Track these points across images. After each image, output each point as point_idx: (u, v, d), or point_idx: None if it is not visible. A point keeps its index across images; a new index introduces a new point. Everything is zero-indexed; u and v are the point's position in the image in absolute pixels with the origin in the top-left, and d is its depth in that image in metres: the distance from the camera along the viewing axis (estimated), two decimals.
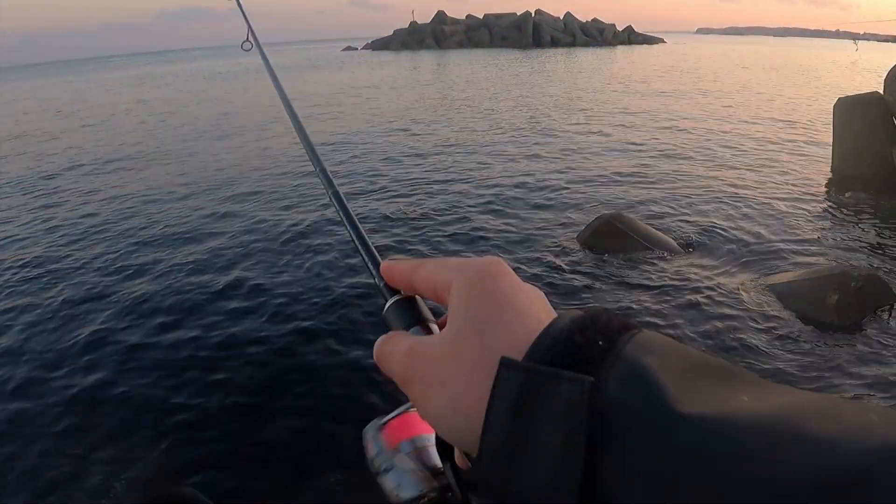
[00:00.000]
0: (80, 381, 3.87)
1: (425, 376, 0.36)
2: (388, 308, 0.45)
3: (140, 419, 3.50)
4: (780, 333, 4.31)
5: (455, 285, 0.37)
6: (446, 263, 0.40)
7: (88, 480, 3.03)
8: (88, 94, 30.91)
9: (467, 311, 0.36)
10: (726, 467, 0.23)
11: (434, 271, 0.40)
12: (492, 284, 0.36)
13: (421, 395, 0.36)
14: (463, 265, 0.38)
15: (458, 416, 0.34)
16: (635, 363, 0.29)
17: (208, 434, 3.36)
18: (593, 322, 0.32)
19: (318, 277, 5.24)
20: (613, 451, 0.26)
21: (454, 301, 0.37)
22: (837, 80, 25.29)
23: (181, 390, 3.72)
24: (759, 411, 0.25)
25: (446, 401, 0.34)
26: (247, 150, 11.62)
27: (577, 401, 0.27)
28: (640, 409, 0.27)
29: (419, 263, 0.42)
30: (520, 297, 0.36)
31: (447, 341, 0.36)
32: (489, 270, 0.37)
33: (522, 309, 0.35)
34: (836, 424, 0.24)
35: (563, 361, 0.30)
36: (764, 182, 8.45)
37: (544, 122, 13.86)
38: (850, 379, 3.79)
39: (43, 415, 3.56)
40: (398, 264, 0.45)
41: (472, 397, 0.32)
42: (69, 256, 6.11)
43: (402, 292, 0.45)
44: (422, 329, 0.42)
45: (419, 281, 0.42)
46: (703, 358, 0.30)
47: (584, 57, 45.04)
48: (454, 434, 0.35)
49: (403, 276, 0.44)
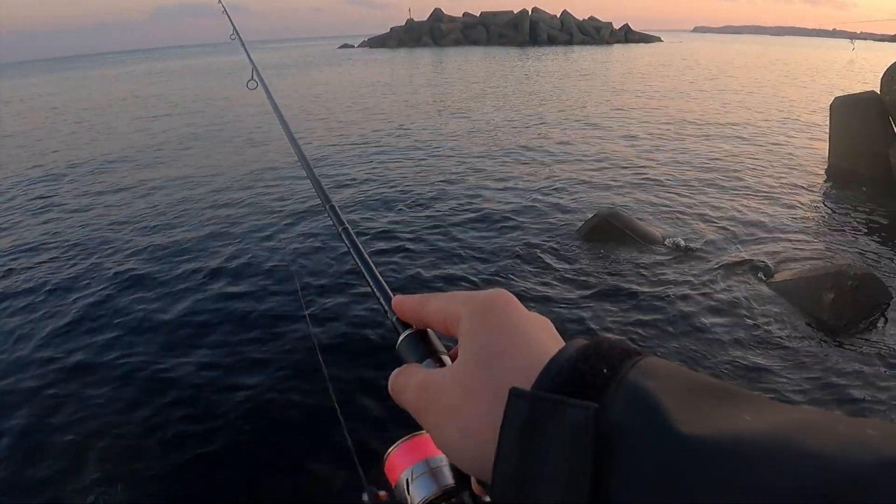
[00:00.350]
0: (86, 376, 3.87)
1: (438, 407, 0.37)
2: (402, 342, 0.46)
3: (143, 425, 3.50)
4: (775, 331, 4.33)
5: (463, 318, 0.39)
6: (454, 297, 0.42)
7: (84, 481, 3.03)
8: (95, 90, 30.76)
9: (476, 343, 0.37)
10: (728, 485, 0.24)
11: (443, 305, 0.42)
12: (499, 316, 0.38)
13: (434, 426, 0.38)
14: (470, 298, 0.40)
15: (470, 445, 0.35)
16: (638, 387, 0.30)
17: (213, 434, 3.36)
18: (597, 350, 0.33)
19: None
20: (619, 472, 0.27)
21: (463, 334, 0.39)
22: (834, 79, 25.36)
23: (186, 409, 3.70)
24: (759, 430, 0.26)
25: (459, 430, 0.36)
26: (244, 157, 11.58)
27: (583, 426, 0.28)
28: (643, 431, 0.28)
29: (428, 298, 0.44)
30: (526, 327, 0.38)
31: (458, 373, 0.37)
32: (495, 303, 0.39)
33: (529, 339, 0.37)
34: (833, 440, 0.24)
35: (569, 389, 0.31)
36: (760, 180, 8.47)
37: (540, 119, 13.86)
38: (844, 377, 3.80)
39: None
40: (408, 299, 0.47)
41: (484, 426, 0.34)
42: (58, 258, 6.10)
43: (414, 326, 0.46)
44: (434, 361, 0.43)
45: (429, 315, 0.44)
46: (706, 380, 0.31)
47: (581, 55, 45.03)
48: (468, 462, 0.36)
49: (414, 310, 0.46)
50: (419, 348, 0.45)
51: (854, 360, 3.98)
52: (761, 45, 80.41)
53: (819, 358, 4.01)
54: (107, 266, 5.68)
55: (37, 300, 5.09)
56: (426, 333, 0.46)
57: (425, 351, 0.44)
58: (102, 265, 5.72)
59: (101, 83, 36.41)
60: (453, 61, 39.92)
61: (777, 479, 0.23)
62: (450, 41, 70.20)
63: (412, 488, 0.50)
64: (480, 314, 0.38)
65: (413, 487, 0.50)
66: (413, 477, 0.51)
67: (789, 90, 20.52)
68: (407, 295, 0.47)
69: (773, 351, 4.09)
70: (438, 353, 0.44)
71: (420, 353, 0.44)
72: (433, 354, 0.44)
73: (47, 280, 5.46)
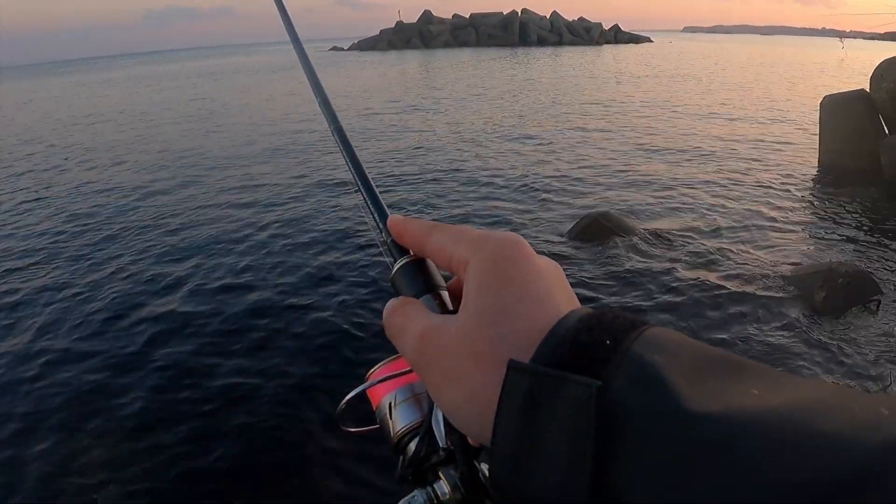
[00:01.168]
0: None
1: (440, 368, 0.35)
2: (398, 270, 0.43)
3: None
4: (766, 329, 4.33)
5: (472, 266, 0.36)
6: (462, 236, 0.38)
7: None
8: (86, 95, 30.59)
9: (485, 298, 0.34)
10: (736, 466, 0.23)
11: (449, 243, 0.39)
12: (510, 269, 0.35)
13: (435, 386, 0.36)
14: (481, 243, 0.37)
15: (473, 412, 0.33)
16: (642, 362, 0.28)
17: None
18: (599, 321, 0.31)
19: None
20: (623, 453, 0.26)
21: (471, 284, 0.36)
22: (824, 77, 25.58)
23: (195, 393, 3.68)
24: (769, 407, 0.25)
25: (462, 396, 0.34)
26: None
27: (585, 404, 0.27)
28: (647, 409, 0.26)
29: (432, 228, 0.41)
30: (539, 282, 0.35)
31: (463, 331, 0.35)
32: (508, 254, 0.36)
33: (541, 297, 0.34)
34: (846, 420, 0.23)
35: (570, 362, 0.29)
36: (751, 179, 8.51)
37: (530, 121, 13.87)
38: (835, 373, 3.80)
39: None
40: (409, 224, 0.43)
41: (488, 395, 0.32)
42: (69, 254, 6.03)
43: (412, 252, 0.43)
44: (433, 298, 0.41)
45: (431, 248, 0.41)
46: (713, 352, 0.29)
47: (571, 56, 45.24)
48: (469, 428, 0.35)
49: (414, 237, 0.42)
50: (417, 280, 0.41)
51: (845, 356, 3.98)
52: (752, 45, 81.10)
53: (810, 355, 4.01)
54: (106, 265, 5.63)
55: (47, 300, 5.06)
56: (425, 263, 0.42)
57: (424, 284, 0.41)
58: (101, 266, 5.66)
59: (127, 85, 36.21)
60: (443, 64, 39.94)
61: (789, 462, 0.22)
62: (439, 43, 70.28)
63: (395, 413, 0.47)
64: (491, 264, 0.35)
65: (396, 413, 0.47)
66: (396, 402, 0.48)
67: (780, 89, 20.67)
68: (406, 217, 0.44)
69: (763, 348, 4.09)
70: (438, 289, 0.41)
71: (418, 286, 0.41)
72: (433, 290, 0.41)
73: (45, 281, 5.40)
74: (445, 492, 0.44)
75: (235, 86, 28.97)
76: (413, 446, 0.46)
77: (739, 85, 22.16)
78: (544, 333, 0.32)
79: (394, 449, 0.48)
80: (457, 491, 0.43)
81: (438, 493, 0.44)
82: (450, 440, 0.42)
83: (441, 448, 0.44)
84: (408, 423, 0.47)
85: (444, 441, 0.43)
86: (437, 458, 0.44)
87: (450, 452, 0.43)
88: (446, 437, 0.43)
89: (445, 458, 0.44)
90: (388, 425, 0.48)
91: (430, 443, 0.44)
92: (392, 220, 0.45)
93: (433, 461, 0.44)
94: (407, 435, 0.47)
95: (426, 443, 0.45)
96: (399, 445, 0.47)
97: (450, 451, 0.43)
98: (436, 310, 0.40)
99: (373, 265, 5.37)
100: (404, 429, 0.47)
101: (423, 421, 0.46)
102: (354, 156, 0.54)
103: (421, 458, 0.45)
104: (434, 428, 0.44)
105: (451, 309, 0.40)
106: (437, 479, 0.44)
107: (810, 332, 4.30)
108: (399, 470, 0.46)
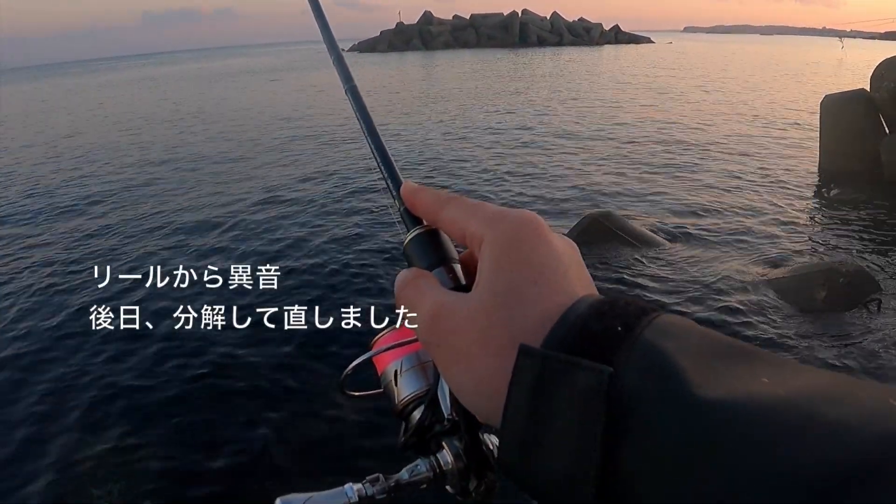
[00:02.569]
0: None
1: (451, 348, 0.35)
2: (410, 241, 0.42)
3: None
4: (768, 329, 4.33)
5: (487, 243, 0.36)
6: (478, 211, 0.38)
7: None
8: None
9: (498, 280, 0.34)
10: (744, 454, 0.23)
11: (464, 218, 0.38)
12: (526, 249, 0.35)
13: (445, 365, 0.36)
14: (497, 220, 0.36)
15: (483, 394, 0.33)
16: (653, 348, 0.28)
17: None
18: (611, 307, 0.31)
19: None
20: (632, 439, 0.26)
21: (485, 262, 0.35)
22: (824, 77, 25.53)
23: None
24: (778, 395, 0.25)
25: (472, 377, 0.34)
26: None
27: (594, 390, 0.27)
28: (658, 396, 0.26)
29: (447, 200, 0.40)
30: (554, 264, 0.35)
31: (476, 313, 0.34)
32: (524, 234, 0.35)
33: (557, 280, 0.34)
34: (854, 408, 0.23)
35: (580, 348, 0.29)
36: (751, 179, 8.51)
37: (530, 120, 13.86)
38: (836, 369, 3.78)
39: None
40: (423, 193, 0.43)
41: (498, 378, 0.32)
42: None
43: (425, 222, 0.43)
44: (446, 271, 0.40)
45: (445, 221, 0.40)
46: (724, 339, 0.29)
47: (571, 56, 45.18)
48: (479, 409, 0.35)
49: (428, 208, 0.42)
50: (429, 252, 0.41)
51: (845, 355, 3.98)
52: (752, 45, 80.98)
53: (811, 353, 4.01)
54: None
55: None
56: (438, 235, 0.42)
57: (437, 257, 0.41)
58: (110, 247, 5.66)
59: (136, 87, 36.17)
60: (443, 65, 39.89)
61: (797, 450, 0.22)
62: (439, 44, 70.24)
63: (400, 381, 0.47)
64: (507, 244, 0.35)
65: (401, 380, 0.47)
66: (402, 370, 0.48)
67: (781, 89, 20.64)
68: (420, 186, 0.43)
69: (765, 347, 4.04)
70: (451, 261, 0.41)
71: (430, 258, 0.41)
72: (446, 262, 0.41)
73: (42, 281, 5.40)
74: (448, 461, 0.44)
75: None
76: (417, 414, 0.46)
77: (739, 85, 22.12)
78: (556, 318, 0.32)
79: (397, 416, 0.48)
80: (459, 460, 0.43)
81: (441, 463, 0.44)
82: (454, 411, 0.42)
83: (446, 418, 0.44)
84: (413, 392, 0.46)
85: (448, 411, 0.43)
86: (440, 427, 0.44)
87: (454, 423, 0.43)
88: (451, 407, 0.43)
89: (449, 429, 0.44)
90: (393, 392, 0.48)
91: (434, 412, 0.45)
92: (406, 189, 0.44)
93: (437, 430, 0.45)
94: (411, 403, 0.46)
95: (431, 412, 0.45)
96: (403, 413, 0.47)
97: (454, 422, 0.43)
98: (448, 284, 0.40)
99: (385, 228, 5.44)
100: (409, 397, 0.47)
101: (428, 390, 0.45)
102: (368, 118, 0.52)
103: (425, 428, 0.45)
104: (439, 398, 0.44)
105: (463, 283, 0.40)
106: (440, 449, 0.45)
107: (811, 331, 4.30)
108: (402, 437, 0.47)
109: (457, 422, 0.43)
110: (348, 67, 0.56)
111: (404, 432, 0.47)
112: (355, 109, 0.53)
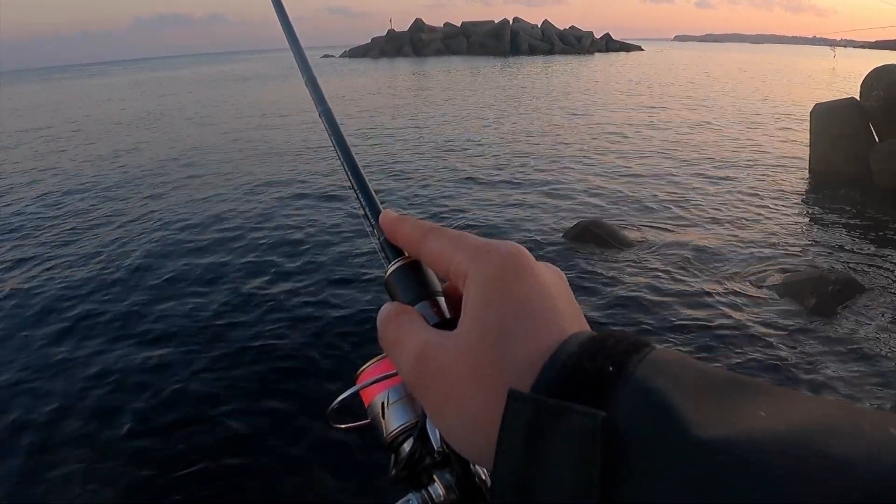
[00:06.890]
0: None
1: (438, 389, 0.34)
2: (392, 274, 0.41)
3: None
4: (756, 336, 4.32)
5: (472, 279, 0.34)
6: (461, 244, 0.36)
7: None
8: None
9: (485, 317, 0.33)
10: (745, 494, 0.22)
11: (448, 251, 0.37)
12: (513, 284, 0.33)
13: (433, 407, 0.35)
14: (481, 253, 0.35)
15: (473, 437, 0.32)
16: (646, 387, 0.27)
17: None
18: (602, 345, 0.30)
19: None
20: (629, 483, 0.25)
21: (471, 298, 0.34)
22: (815, 85, 25.86)
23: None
24: (777, 430, 0.24)
25: (461, 420, 0.33)
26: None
27: (589, 435, 0.26)
28: (653, 437, 0.26)
29: (429, 231, 0.39)
30: (542, 299, 0.34)
31: (463, 354, 0.33)
32: (511, 267, 0.34)
33: (544, 316, 0.33)
34: (855, 441, 0.23)
35: (573, 390, 0.28)
36: (742, 186, 8.58)
37: (523, 128, 13.92)
38: (825, 380, 3.80)
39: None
40: (404, 223, 0.41)
41: (488, 421, 0.31)
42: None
43: (406, 253, 0.41)
44: (430, 305, 0.39)
45: (428, 253, 0.39)
46: (718, 373, 0.29)
47: (562, 65, 45.49)
48: (469, 452, 0.34)
49: (409, 238, 0.41)
50: (412, 286, 0.40)
51: (836, 364, 3.98)
52: (742, 53, 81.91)
53: (802, 362, 4.00)
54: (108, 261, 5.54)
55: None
56: (420, 267, 0.41)
57: (420, 290, 0.40)
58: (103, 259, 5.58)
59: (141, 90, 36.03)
60: (435, 72, 40.09)
61: (801, 488, 0.22)
62: (431, 51, 70.55)
63: (388, 413, 0.46)
64: (493, 279, 0.34)
65: (389, 412, 0.46)
66: (389, 402, 0.46)
67: (771, 97, 20.87)
68: (400, 215, 0.42)
69: (754, 356, 4.08)
70: (435, 295, 0.40)
71: (414, 292, 0.40)
72: (430, 296, 0.39)
73: (40, 285, 5.31)
74: (440, 494, 0.43)
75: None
76: (407, 446, 0.44)
77: (730, 93, 22.33)
78: (546, 358, 0.31)
79: (387, 448, 0.46)
80: (451, 493, 0.42)
81: (433, 496, 0.43)
82: (445, 443, 0.41)
83: (436, 451, 0.43)
84: (401, 424, 0.45)
85: (439, 444, 0.42)
86: (431, 460, 0.43)
87: (445, 455, 0.42)
88: (441, 440, 0.42)
89: (440, 461, 0.43)
90: (381, 424, 0.46)
91: (424, 445, 0.43)
92: (385, 218, 0.43)
93: (427, 463, 0.43)
94: (401, 435, 0.45)
95: (420, 445, 0.43)
96: (392, 445, 0.46)
97: (445, 455, 0.42)
98: (433, 318, 0.39)
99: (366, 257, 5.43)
100: (398, 430, 0.45)
101: (417, 422, 0.44)
102: (344, 142, 0.50)
103: (415, 460, 0.44)
104: (428, 430, 0.43)
105: (448, 318, 0.39)
106: (431, 482, 0.43)
107: (800, 338, 4.31)
108: (392, 470, 0.45)
109: (448, 454, 0.42)
110: (321, 90, 0.55)
111: (394, 465, 0.45)
112: (330, 134, 0.51)
